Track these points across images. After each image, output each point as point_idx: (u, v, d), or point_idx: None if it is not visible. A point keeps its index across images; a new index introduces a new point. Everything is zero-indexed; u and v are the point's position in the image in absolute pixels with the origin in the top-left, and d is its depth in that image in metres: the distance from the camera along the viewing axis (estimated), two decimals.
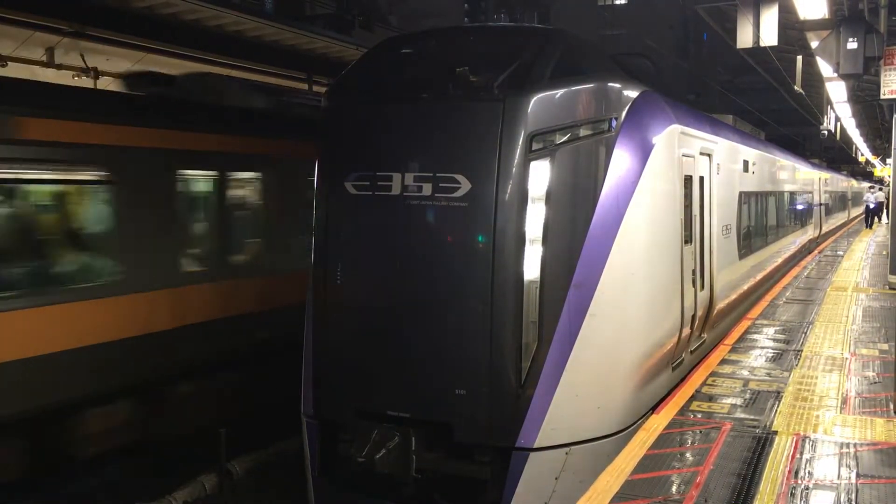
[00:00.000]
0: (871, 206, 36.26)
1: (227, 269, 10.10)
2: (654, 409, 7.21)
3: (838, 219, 36.12)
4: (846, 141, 38.28)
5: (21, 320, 7.72)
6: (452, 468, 6.46)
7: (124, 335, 8.65)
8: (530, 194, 6.24)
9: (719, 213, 9.70)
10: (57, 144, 8.00)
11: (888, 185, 21.64)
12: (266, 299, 10.40)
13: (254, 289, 10.34)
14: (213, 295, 9.77)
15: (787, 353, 9.56)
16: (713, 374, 8.48)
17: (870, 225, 36.14)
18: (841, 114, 24.21)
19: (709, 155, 9.20)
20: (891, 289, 14.91)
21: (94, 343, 8.34)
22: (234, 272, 10.18)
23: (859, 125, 29.29)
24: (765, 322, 11.58)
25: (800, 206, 20.20)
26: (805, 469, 5.81)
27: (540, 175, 6.26)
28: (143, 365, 8.88)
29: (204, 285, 9.69)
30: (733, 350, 9.67)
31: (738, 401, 7.51)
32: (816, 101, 24.79)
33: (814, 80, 19.03)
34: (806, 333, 10.73)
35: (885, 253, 20.02)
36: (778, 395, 7.70)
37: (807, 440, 6.41)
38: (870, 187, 42.83)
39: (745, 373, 8.56)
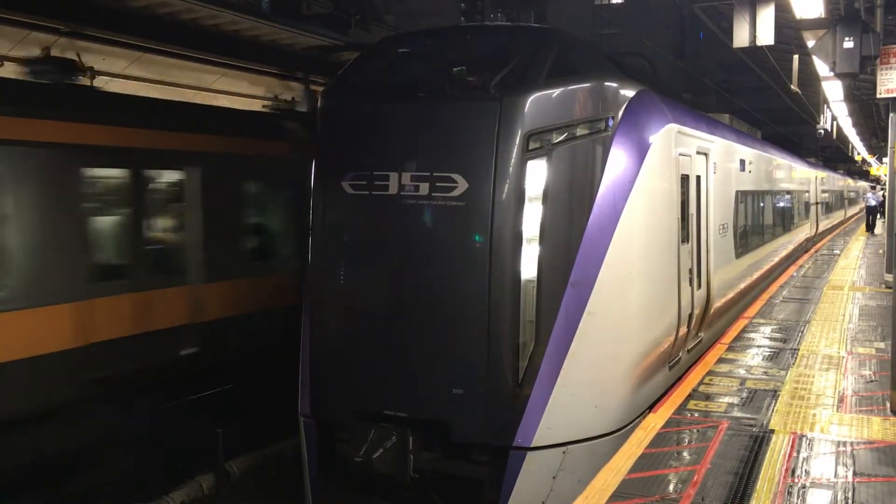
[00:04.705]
0: (872, 203, 34.59)
1: None
2: (651, 407, 7.22)
3: (834, 217, 36.11)
4: (842, 140, 38.30)
5: None
6: (450, 468, 6.46)
7: None
8: (527, 194, 6.24)
9: (716, 212, 9.71)
10: None
11: (885, 185, 21.59)
12: None
13: None
14: None
15: (783, 351, 9.57)
16: (710, 372, 8.49)
17: (871, 227, 33.28)
18: (837, 113, 24.25)
19: (705, 154, 9.21)
20: (887, 287, 14.92)
21: None
22: None
23: (856, 124, 29.34)
24: (762, 321, 11.60)
25: (796, 205, 20.23)
26: (802, 468, 5.81)
27: (537, 174, 6.27)
28: None
29: None
30: (730, 349, 9.68)
31: (735, 400, 7.52)
32: (813, 100, 24.81)
33: (810, 79, 19.05)
34: (803, 332, 10.74)
35: (881, 251, 20.05)
36: (775, 393, 7.70)
37: (804, 439, 6.42)
38: (871, 186, 41.96)
39: (742, 371, 8.57)
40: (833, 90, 17.62)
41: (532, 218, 6.26)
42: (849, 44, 11.10)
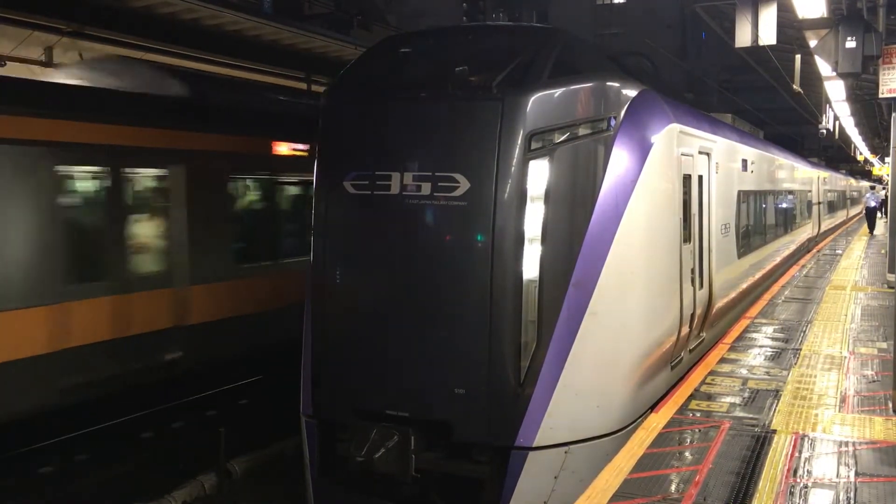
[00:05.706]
0: (872, 204, 34.10)
1: None
2: (653, 407, 7.21)
3: (837, 217, 36.06)
4: (845, 140, 38.26)
5: None
6: (451, 468, 6.46)
7: None
8: (529, 193, 6.24)
9: (718, 212, 9.70)
10: None
11: (886, 184, 21.53)
12: None
13: None
14: None
15: (785, 351, 9.57)
16: (712, 372, 8.49)
17: (872, 228, 32.68)
18: (839, 113, 24.20)
19: (707, 154, 9.20)
20: (889, 287, 14.90)
21: None
22: None
23: (858, 124, 29.27)
24: (763, 321, 11.59)
25: (798, 205, 20.21)
26: (804, 468, 5.81)
27: (539, 174, 6.26)
28: None
29: None
30: (732, 349, 9.68)
31: (737, 399, 7.51)
32: (815, 99, 24.77)
33: (812, 78, 19.02)
34: (805, 332, 10.73)
35: (883, 251, 20.03)
36: (777, 393, 7.70)
37: (805, 439, 6.41)
38: (871, 186, 41.73)
39: (743, 371, 8.56)
40: (835, 90, 17.59)
41: (534, 218, 6.26)
42: (851, 44, 11.07)
